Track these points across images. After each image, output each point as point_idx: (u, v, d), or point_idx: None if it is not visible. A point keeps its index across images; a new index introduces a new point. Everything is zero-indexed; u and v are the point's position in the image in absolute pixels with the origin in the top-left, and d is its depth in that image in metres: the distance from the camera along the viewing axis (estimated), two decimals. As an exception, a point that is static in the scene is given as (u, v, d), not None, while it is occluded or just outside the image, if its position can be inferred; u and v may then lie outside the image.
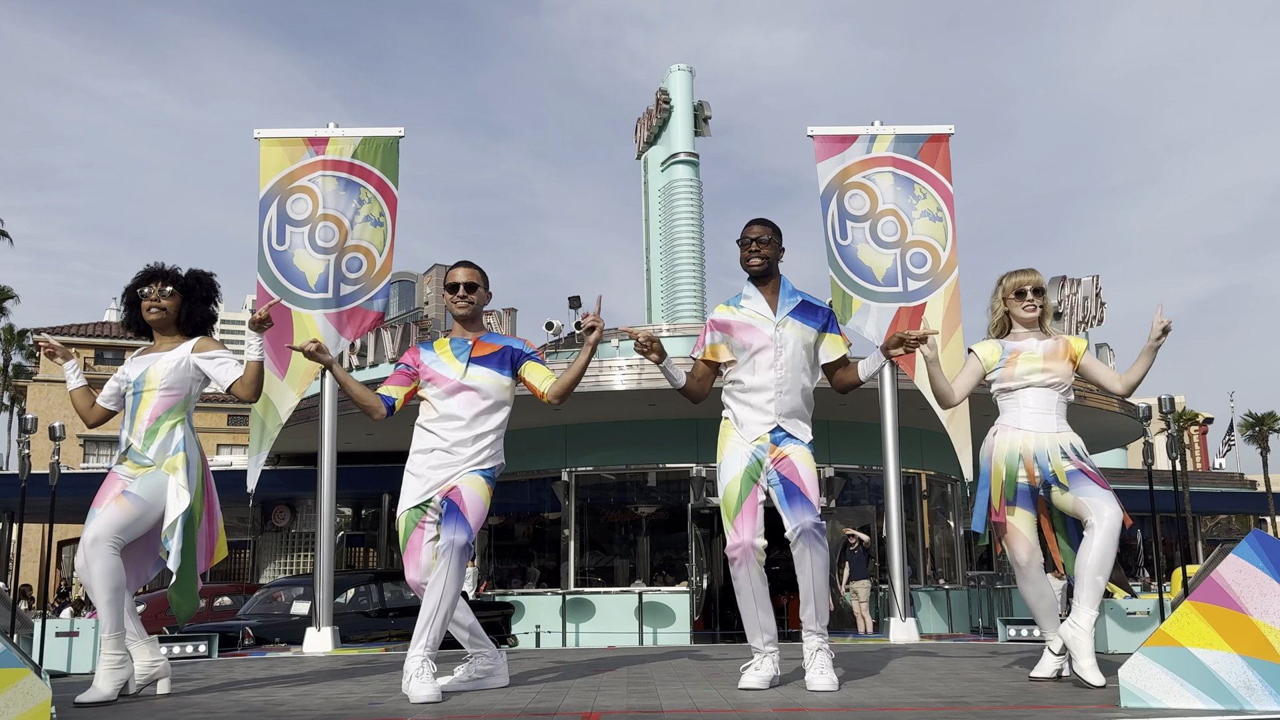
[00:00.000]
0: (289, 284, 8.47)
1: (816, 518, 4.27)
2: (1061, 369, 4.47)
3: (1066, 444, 4.38)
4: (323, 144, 8.71)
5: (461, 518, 4.24)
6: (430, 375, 4.50)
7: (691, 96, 21.76)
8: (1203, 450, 53.14)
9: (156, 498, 4.30)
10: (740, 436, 4.41)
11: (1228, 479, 37.17)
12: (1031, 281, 4.58)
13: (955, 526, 18.65)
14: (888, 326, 8.49)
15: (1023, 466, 4.39)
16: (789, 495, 4.28)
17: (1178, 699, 3.34)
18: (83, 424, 4.75)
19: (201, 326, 4.62)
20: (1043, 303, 4.60)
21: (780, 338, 4.40)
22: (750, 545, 4.25)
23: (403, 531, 4.42)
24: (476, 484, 4.36)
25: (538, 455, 16.69)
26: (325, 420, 8.61)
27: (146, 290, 4.53)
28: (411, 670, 4.07)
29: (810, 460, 4.37)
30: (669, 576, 16.25)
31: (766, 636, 4.35)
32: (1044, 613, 4.54)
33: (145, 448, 4.34)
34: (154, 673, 4.44)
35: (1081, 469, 4.32)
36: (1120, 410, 17.53)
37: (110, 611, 4.17)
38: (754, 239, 4.47)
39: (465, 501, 4.28)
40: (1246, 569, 3.43)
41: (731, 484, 4.33)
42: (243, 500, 13.15)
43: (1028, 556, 4.44)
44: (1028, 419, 4.45)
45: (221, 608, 15.62)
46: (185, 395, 4.47)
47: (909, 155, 8.83)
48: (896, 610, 8.29)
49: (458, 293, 4.53)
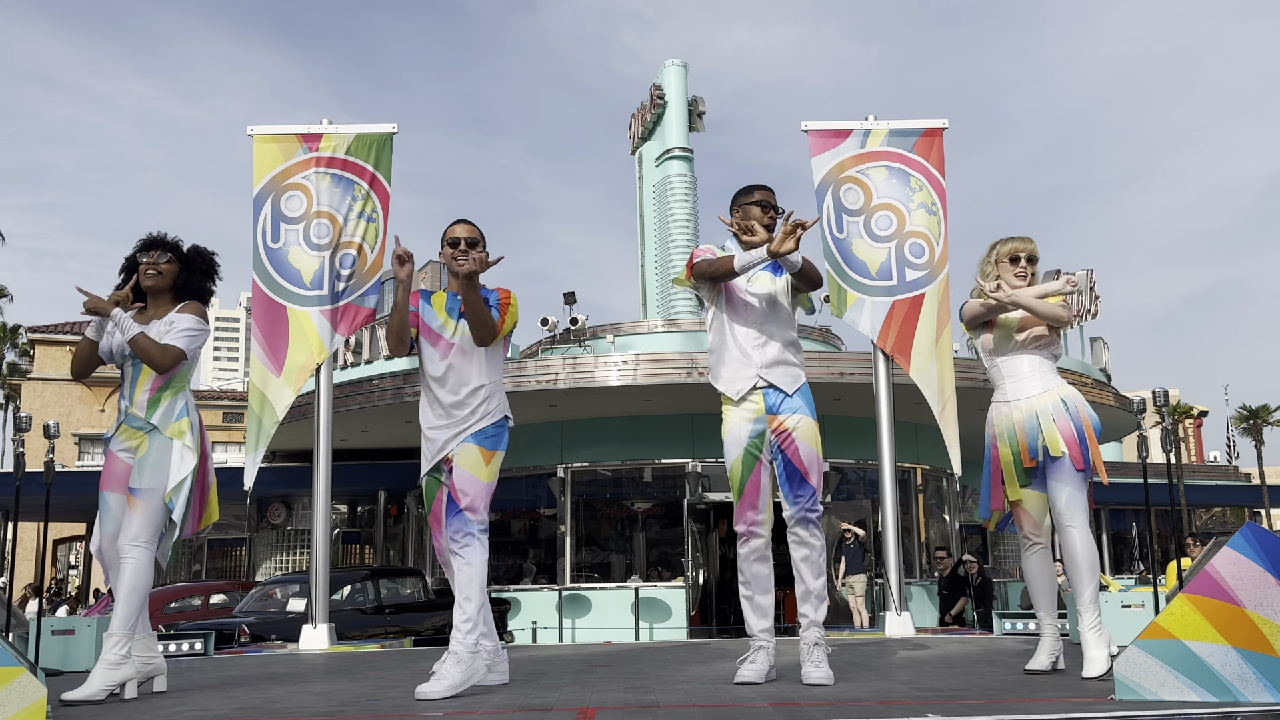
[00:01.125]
0: (284, 281, 8.46)
1: (816, 503, 4.30)
2: (1036, 328, 4.48)
3: (1054, 403, 4.39)
4: (316, 140, 8.70)
5: (458, 512, 4.24)
6: (424, 330, 4.48)
7: (686, 91, 21.74)
8: (1197, 443, 53.26)
9: (164, 476, 4.30)
10: (739, 412, 4.37)
11: (1222, 472, 37.25)
12: (1026, 249, 4.59)
13: (951, 520, 18.68)
14: (882, 320, 8.50)
15: (1018, 446, 4.41)
16: (790, 478, 4.31)
17: (1172, 691, 3.35)
18: (80, 424, 4.73)
19: (196, 298, 4.58)
20: (1034, 271, 4.61)
21: (755, 288, 4.42)
22: (755, 524, 4.30)
23: (425, 498, 4.46)
24: (470, 459, 4.31)
25: (533, 451, 16.68)
26: (321, 417, 8.60)
27: (146, 257, 4.52)
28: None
29: (814, 434, 4.36)
30: (665, 572, 16.26)
31: (764, 625, 4.36)
32: (1039, 594, 4.54)
33: (149, 415, 4.35)
34: (150, 670, 4.43)
35: (1069, 444, 4.32)
36: (1115, 404, 17.57)
37: (129, 611, 4.16)
38: (756, 201, 4.46)
39: (458, 486, 4.27)
40: (1241, 561, 3.43)
41: (734, 466, 4.36)
42: (239, 498, 13.12)
43: (1032, 533, 4.50)
44: (1012, 387, 4.50)
45: (217, 605, 15.60)
46: (182, 364, 4.45)
47: (903, 149, 8.83)
48: (892, 604, 8.31)
49: (459, 247, 4.41)
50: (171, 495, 4.30)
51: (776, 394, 4.37)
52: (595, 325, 17.29)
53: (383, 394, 15.73)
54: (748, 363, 4.38)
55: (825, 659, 4.23)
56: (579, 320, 17.04)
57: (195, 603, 15.71)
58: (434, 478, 4.42)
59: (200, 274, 4.61)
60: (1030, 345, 4.49)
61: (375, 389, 15.94)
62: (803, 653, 4.28)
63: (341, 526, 23.67)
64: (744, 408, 4.38)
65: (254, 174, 8.67)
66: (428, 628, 12.55)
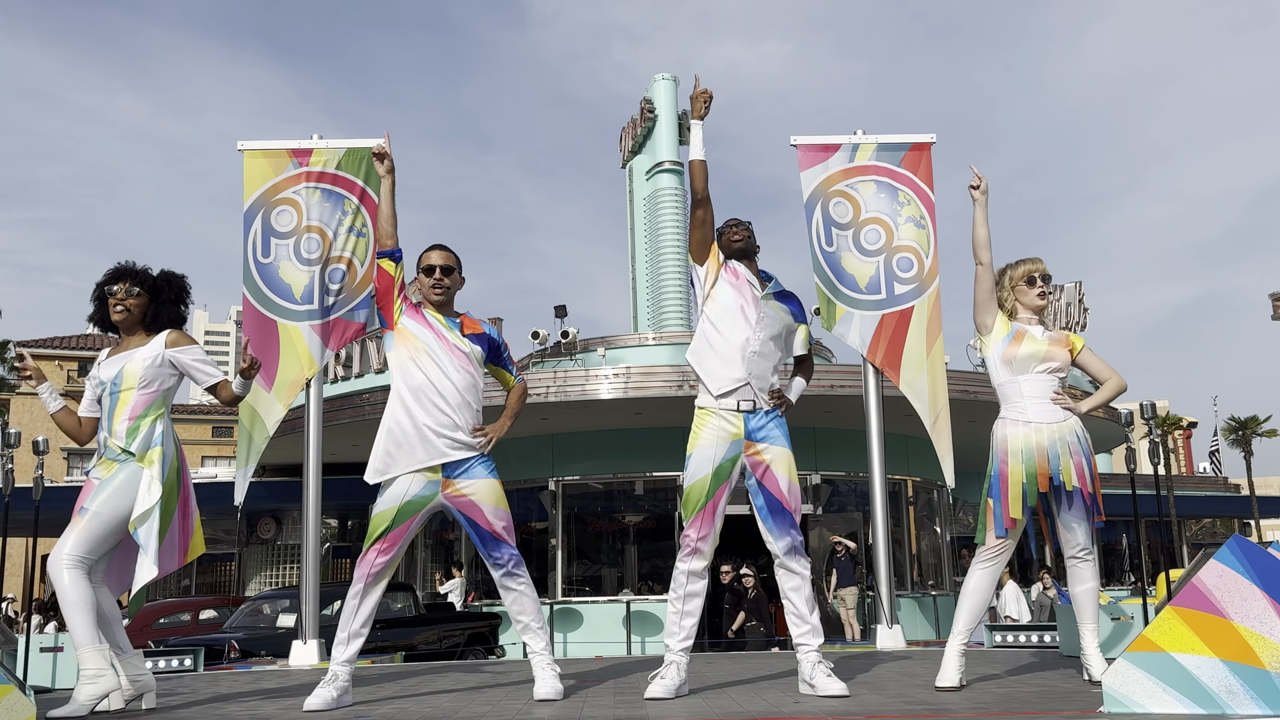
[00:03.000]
0: (275, 296, 8.45)
1: (798, 535, 4.36)
2: (1062, 355, 4.57)
3: (1072, 434, 4.49)
4: (306, 156, 8.70)
5: (501, 543, 4.41)
6: (419, 321, 4.47)
7: (676, 105, 21.79)
8: (1187, 454, 53.38)
9: (120, 501, 4.25)
10: (716, 429, 4.39)
11: (1212, 483, 37.35)
12: (1040, 269, 4.68)
13: (941, 532, 18.70)
14: (871, 334, 8.52)
15: (1036, 468, 4.43)
16: (772, 512, 4.32)
17: (1160, 704, 3.37)
18: (69, 440, 4.71)
19: (170, 327, 4.56)
20: (1050, 291, 4.69)
21: (764, 308, 4.50)
22: (699, 543, 4.33)
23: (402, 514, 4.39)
24: (492, 493, 4.42)
25: (524, 465, 16.67)
26: (311, 431, 8.58)
27: (114, 289, 4.50)
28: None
29: (790, 465, 4.39)
30: (656, 585, 16.24)
31: (683, 643, 4.38)
32: (979, 608, 4.47)
33: (128, 443, 4.32)
34: (138, 687, 4.41)
35: (1080, 478, 4.43)
36: (1104, 416, 17.62)
37: (78, 625, 4.13)
38: (736, 223, 4.62)
39: (493, 522, 4.39)
40: (1227, 574, 3.45)
41: (699, 484, 4.35)
42: (228, 513, 13.10)
43: (1002, 548, 4.49)
44: (1034, 409, 4.52)
45: (207, 621, 15.52)
46: (163, 391, 4.44)
47: (891, 164, 8.87)
48: (883, 617, 8.31)
49: (434, 276, 4.47)
50: (136, 524, 4.22)
51: (757, 417, 4.38)
52: (586, 338, 17.31)
53: (373, 408, 15.71)
54: (738, 363, 4.40)
55: (832, 671, 4.27)
56: (570, 333, 17.06)
57: (185, 618, 15.64)
58: (418, 500, 4.38)
59: (170, 303, 4.57)
60: (1048, 371, 4.55)
61: (365, 403, 15.91)
62: (806, 670, 4.29)
63: (332, 541, 23.58)
64: (721, 425, 4.39)
65: (244, 189, 8.67)
66: (419, 642, 12.50)
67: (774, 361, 4.51)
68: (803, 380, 4.73)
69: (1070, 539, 4.50)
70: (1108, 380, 4.67)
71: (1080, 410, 4.57)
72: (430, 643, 12.38)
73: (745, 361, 4.40)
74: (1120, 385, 4.67)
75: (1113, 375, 4.67)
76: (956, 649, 4.43)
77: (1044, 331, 4.61)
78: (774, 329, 4.50)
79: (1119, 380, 4.65)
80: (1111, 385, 4.66)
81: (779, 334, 4.52)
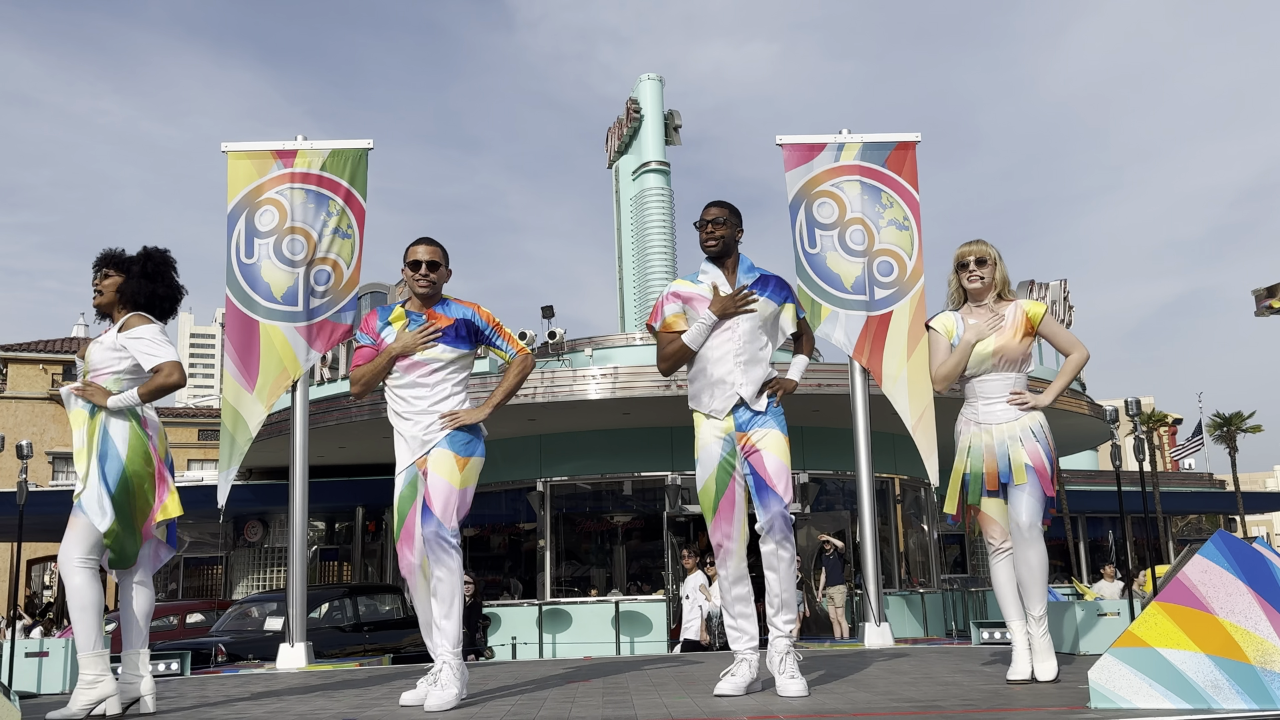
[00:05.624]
0: (257, 296, 8.42)
1: (784, 508, 4.32)
2: (1014, 349, 4.52)
3: (1025, 430, 4.48)
4: (291, 157, 8.67)
5: (428, 512, 4.29)
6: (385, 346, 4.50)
7: (662, 105, 21.79)
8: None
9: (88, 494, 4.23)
10: (710, 428, 4.43)
11: (1197, 479, 37.51)
12: (972, 252, 4.61)
13: (929, 530, 18.74)
14: (857, 334, 8.53)
15: (985, 468, 4.49)
16: (758, 489, 4.35)
17: (1146, 699, 3.38)
18: (50, 442, 4.70)
19: (147, 304, 4.49)
20: (988, 273, 4.60)
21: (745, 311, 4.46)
22: (724, 540, 4.34)
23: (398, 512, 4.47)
24: (443, 464, 4.33)
25: (512, 465, 16.65)
26: (297, 434, 8.55)
27: (95, 276, 4.55)
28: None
29: (782, 446, 4.38)
30: (645, 585, 16.24)
31: (748, 644, 4.37)
32: (1009, 601, 4.55)
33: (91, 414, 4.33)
34: (135, 689, 4.34)
35: (1037, 469, 4.42)
36: (1089, 413, 17.70)
37: (82, 629, 4.13)
38: (710, 220, 4.54)
39: (430, 491, 4.31)
40: (1212, 569, 3.47)
41: (707, 486, 4.42)
42: (214, 516, 13.03)
43: (1000, 539, 4.56)
44: (985, 411, 4.56)
45: (194, 624, 15.46)
46: (113, 374, 4.38)
47: (876, 164, 8.88)
48: (871, 615, 8.33)
49: (419, 270, 4.47)
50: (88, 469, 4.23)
51: (747, 412, 4.40)
52: (574, 339, 17.28)
53: (360, 410, 15.67)
54: (728, 385, 4.40)
55: (798, 668, 4.25)
56: (557, 334, 17.02)
57: (172, 622, 15.58)
58: (411, 488, 4.43)
59: (143, 277, 4.49)
60: (1003, 367, 4.54)
61: (352, 405, 15.87)
62: (774, 664, 4.29)
63: (319, 543, 23.51)
64: (714, 423, 4.44)
65: (228, 190, 8.63)
66: (407, 645, 12.48)
67: (766, 355, 4.49)
68: (804, 357, 4.67)
69: (1018, 519, 4.40)
70: (1070, 353, 4.62)
71: (1042, 404, 4.53)
72: (418, 645, 12.35)
73: (728, 379, 4.41)
74: (1082, 358, 4.60)
75: (1075, 347, 4.62)
76: (1018, 641, 4.48)
77: (991, 316, 4.54)
78: (754, 320, 4.46)
79: (1082, 352, 4.60)
80: (1073, 360, 4.60)
81: (761, 324, 4.48)
